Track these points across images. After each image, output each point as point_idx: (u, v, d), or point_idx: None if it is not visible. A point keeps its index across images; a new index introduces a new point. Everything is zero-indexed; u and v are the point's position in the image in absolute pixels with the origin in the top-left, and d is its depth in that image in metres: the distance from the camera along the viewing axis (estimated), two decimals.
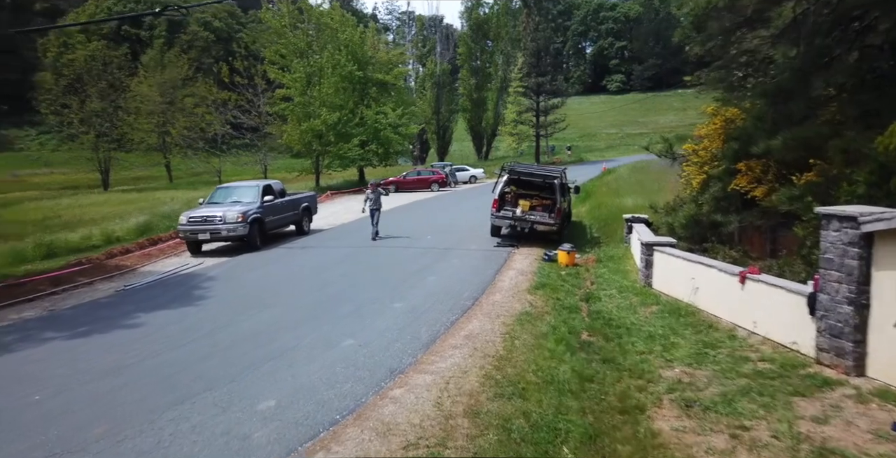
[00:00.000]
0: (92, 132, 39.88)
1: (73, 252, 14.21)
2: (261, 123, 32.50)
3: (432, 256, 13.14)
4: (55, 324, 8.48)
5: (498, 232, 15.38)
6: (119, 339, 7.68)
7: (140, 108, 42.26)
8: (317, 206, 18.28)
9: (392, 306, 9.04)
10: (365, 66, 33.42)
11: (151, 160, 45.49)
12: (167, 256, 14.27)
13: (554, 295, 9.89)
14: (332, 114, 30.34)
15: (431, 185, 32.45)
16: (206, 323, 8.28)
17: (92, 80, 40.66)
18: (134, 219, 17.42)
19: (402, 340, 7.50)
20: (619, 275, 11.21)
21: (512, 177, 15.53)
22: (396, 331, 7.83)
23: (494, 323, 8.28)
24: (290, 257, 13.74)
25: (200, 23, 73.65)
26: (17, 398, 5.78)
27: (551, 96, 51.37)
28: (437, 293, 9.78)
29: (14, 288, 10.30)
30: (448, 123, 57.53)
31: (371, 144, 33.10)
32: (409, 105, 37.90)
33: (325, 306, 9.09)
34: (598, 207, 20.63)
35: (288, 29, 31.93)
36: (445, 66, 57.71)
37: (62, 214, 25.92)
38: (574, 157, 55.87)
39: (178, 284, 11.02)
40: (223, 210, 13.99)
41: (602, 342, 7.67)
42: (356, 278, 11.18)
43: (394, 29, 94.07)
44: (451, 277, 11.08)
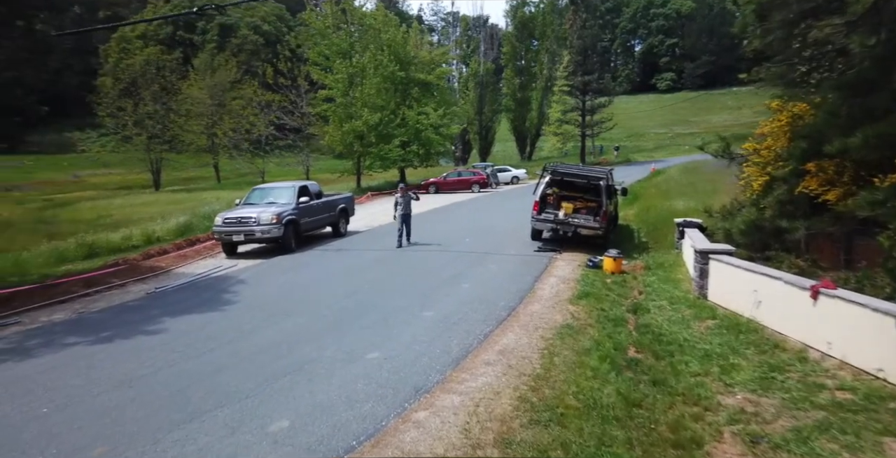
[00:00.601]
0: (144, 134, 41.21)
1: (113, 252, 14.33)
2: (303, 124, 32.68)
3: (468, 260, 12.55)
4: (80, 328, 8.34)
5: (539, 236, 14.67)
6: (139, 346, 7.43)
7: (190, 110, 43.44)
8: (354, 207, 17.98)
9: (422, 316, 8.51)
10: (407, 66, 33.16)
11: (200, 161, 46.72)
12: (202, 257, 14.20)
13: (598, 306, 9.15)
14: (373, 115, 30.20)
15: (472, 186, 31.89)
16: (229, 331, 7.95)
17: (145, 83, 42.03)
18: (175, 219, 17.53)
19: (431, 354, 6.95)
20: (669, 284, 10.34)
21: (554, 178, 14.78)
22: (425, 343, 7.28)
23: (532, 337, 7.63)
24: (323, 260, 13.41)
25: (250, 27, 75.43)
26: (26, 409, 5.54)
27: (598, 95, 49.93)
28: (471, 302, 9.20)
29: (50, 289, 10.30)
30: (491, 123, 56.83)
31: (412, 145, 32.81)
32: (451, 105, 37.42)
33: (351, 314, 8.64)
34: (647, 209, 19.57)
35: (331, 30, 31.97)
36: (489, 66, 57.00)
37: (114, 213, 26.72)
38: (621, 157, 54.17)
39: (208, 287, 10.82)
40: (258, 212, 13.81)
41: (651, 361, 6.92)
42: (386, 284, 10.72)
43: (438, 30, 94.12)
44: (486, 284, 10.46)
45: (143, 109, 41.47)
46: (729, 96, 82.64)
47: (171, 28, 74.18)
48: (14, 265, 12.20)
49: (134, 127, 41.53)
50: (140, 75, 41.96)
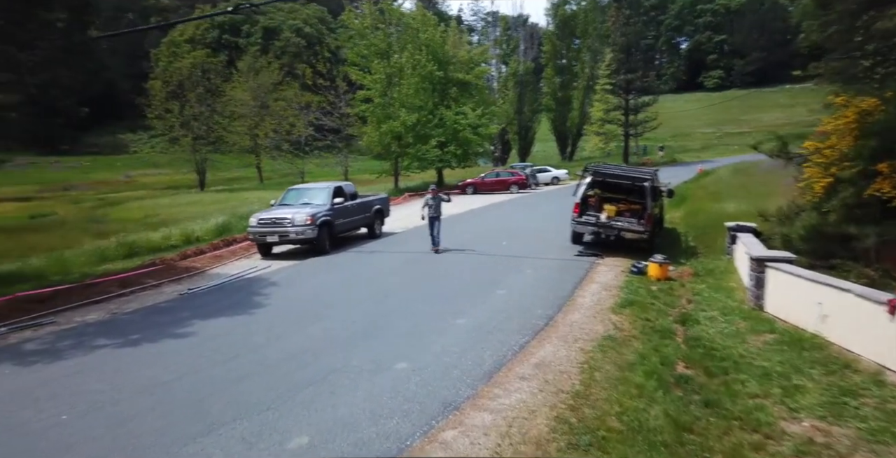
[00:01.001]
0: (190, 135, 42.29)
1: (153, 252, 14.49)
2: (342, 124, 32.80)
3: (504, 265, 12.08)
4: (111, 330, 8.30)
5: (579, 239, 14.07)
6: (165, 349, 7.30)
7: (234, 112, 44.35)
8: (389, 208, 17.74)
9: (454, 323, 8.11)
10: (445, 65, 32.87)
11: (244, 162, 47.67)
12: (238, 257, 14.19)
13: (643, 315, 8.56)
14: (410, 115, 30.03)
15: (510, 186, 31.31)
16: (255, 336, 7.75)
17: (191, 85, 43.13)
18: (213, 219, 17.68)
19: (462, 365, 6.55)
20: (721, 293, 9.63)
21: (596, 179, 14.15)
22: (456, 354, 6.88)
23: (571, 349, 7.14)
24: (356, 262, 13.18)
25: (293, 29, 76.72)
26: (47, 416, 5.42)
27: (641, 94, 48.49)
28: (507, 310, 8.74)
29: (87, 288, 10.39)
30: (530, 122, 55.97)
31: (450, 146, 32.49)
32: (490, 105, 36.91)
33: (380, 320, 8.32)
34: (695, 212, 18.65)
35: (369, 30, 31.97)
36: (529, 65, 56.16)
37: (160, 213, 27.41)
38: (667, 157, 52.48)
39: (239, 289, 10.71)
40: (292, 212, 13.69)
41: (703, 378, 6.34)
42: (418, 288, 10.38)
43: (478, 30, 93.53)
44: (523, 290, 9.99)
45: (189, 110, 42.57)
46: (781, 94, 79.24)
47: (217, 32, 76.18)
48: (58, 264, 12.43)
49: (180, 128, 42.71)
50: (186, 78, 43.08)
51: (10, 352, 7.40)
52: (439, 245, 13.76)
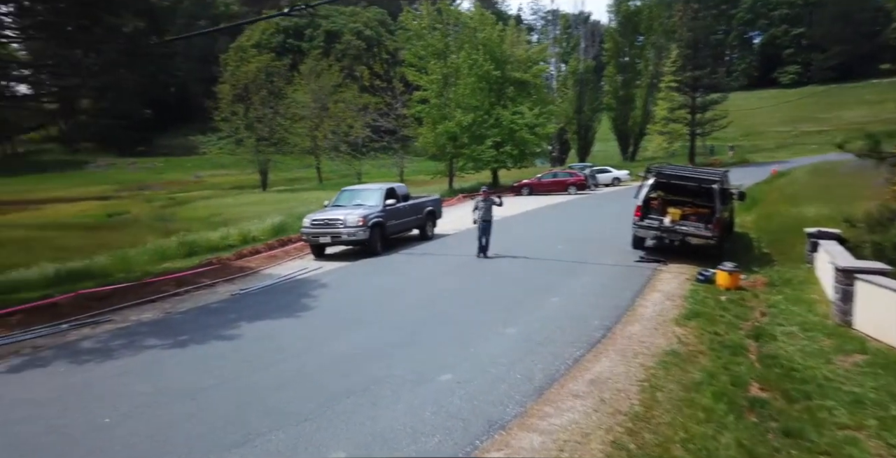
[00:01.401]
0: (253, 137, 43.69)
1: (211, 251, 14.83)
2: (398, 125, 32.91)
3: (559, 270, 11.54)
4: (162, 330, 8.41)
5: (641, 244, 13.30)
6: (211, 353, 7.27)
7: (295, 114, 45.51)
8: (441, 210, 17.48)
9: (503, 333, 7.70)
10: (503, 65, 32.39)
11: (304, 162, 48.83)
12: (291, 258, 14.29)
13: (711, 328, 7.85)
14: (466, 115, 29.75)
15: (568, 187, 30.44)
16: (300, 340, 7.62)
17: (255, 88, 44.55)
18: (270, 219, 17.97)
19: (510, 379, 6.14)
20: (800, 306, 8.74)
21: (660, 180, 13.34)
22: (504, 366, 6.48)
23: (630, 364, 6.58)
24: (406, 264, 12.97)
25: (353, 32, 78.10)
26: (91, 418, 5.43)
27: (709, 91, 46.17)
28: (560, 319, 8.24)
29: (145, 287, 10.65)
30: (590, 122, 54.51)
31: (506, 146, 31.97)
32: (548, 104, 36.08)
33: (426, 327, 8.02)
34: (768, 216, 17.37)
35: (426, 31, 31.92)
36: (589, 63, 54.70)
37: (223, 212, 28.36)
38: (736, 158, 49.79)
39: (289, 290, 10.70)
40: (345, 213, 13.66)
41: (781, 403, 5.65)
42: (468, 294, 10.00)
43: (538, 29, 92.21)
44: (578, 298, 9.43)
45: (253, 113, 43.98)
46: (867, 89, 73.74)
47: (281, 37, 78.56)
48: (121, 262, 12.88)
49: (245, 130, 44.19)
50: (251, 82, 44.54)
51: (68, 350, 7.60)
52: (488, 252, 13.10)
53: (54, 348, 7.65)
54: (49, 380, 6.47)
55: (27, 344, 7.81)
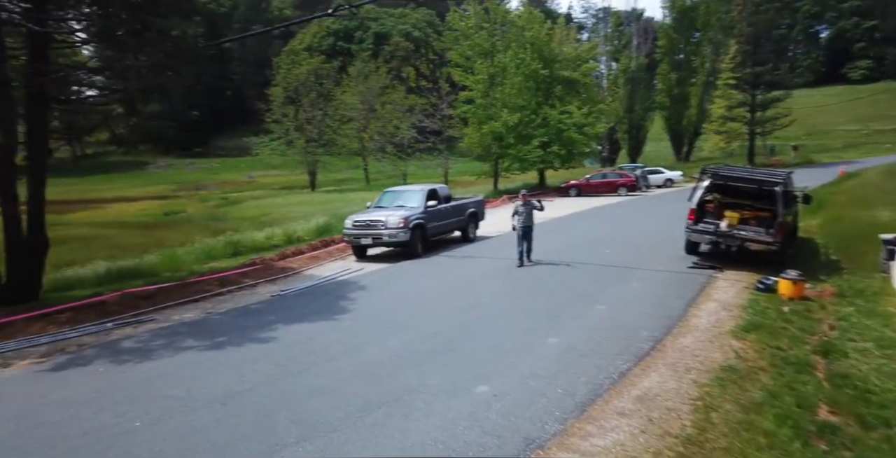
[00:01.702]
0: (303, 138, 44.57)
1: (256, 251, 15.02)
2: (443, 126, 32.78)
3: (606, 276, 11.02)
4: (201, 330, 8.45)
5: (695, 249, 12.59)
6: (245, 356, 7.21)
7: (344, 115, 46.17)
8: (484, 211, 17.18)
9: (545, 342, 7.32)
10: (551, 63, 31.77)
11: (352, 163, 49.48)
12: (333, 259, 14.30)
13: (773, 342, 7.23)
14: (512, 115, 29.33)
15: (618, 189, 29.56)
16: (335, 344, 7.47)
17: (305, 91, 45.46)
18: (315, 220, 18.11)
19: (551, 394, 5.77)
20: (874, 319, 7.96)
21: (716, 182, 12.59)
22: (545, 379, 6.11)
23: (682, 380, 6.10)
24: (446, 267, 12.72)
25: (402, 34, 78.68)
26: (123, 421, 5.41)
27: (771, 88, 43.95)
28: (606, 329, 7.79)
29: (189, 286, 10.81)
30: (642, 121, 52.92)
31: (553, 146, 31.33)
32: (598, 103, 35.17)
33: (464, 334, 7.72)
34: (836, 220, 16.19)
35: (473, 30, 31.67)
36: (641, 61, 53.10)
37: (273, 212, 28.96)
38: (800, 158, 47.20)
39: (327, 293, 10.63)
40: (386, 215, 13.57)
41: (856, 430, 5.07)
42: (509, 300, 9.64)
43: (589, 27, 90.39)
44: (626, 306, 8.93)
45: (303, 114, 44.88)
46: None
47: (332, 39, 79.97)
48: (170, 261, 13.18)
49: (295, 132, 45.14)
50: (301, 84, 45.46)
51: (110, 349, 7.72)
52: (530, 259, 12.37)
53: (97, 347, 7.79)
54: (88, 380, 6.55)
55: (73, 342, 7.99)
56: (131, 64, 9.63)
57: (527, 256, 12.32)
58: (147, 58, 9.31)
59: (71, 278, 11.51)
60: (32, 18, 9.31)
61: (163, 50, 9.33)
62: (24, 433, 5.21)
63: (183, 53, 9.56)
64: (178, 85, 10.60)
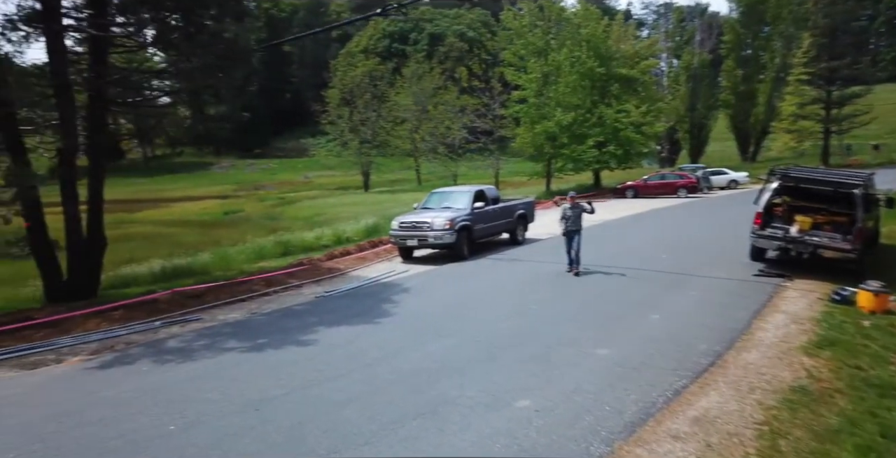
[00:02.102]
0: (357, 139, 45.19)
1: (304, 251, 15.15)
2: (495, 126, 32.41)
3: (662, 283, 10.37)
4: (244, 331, 8.45)
5: (761, 256, 11.75)
6: (284, 359, 7.12)
7: (397, 116, 46.51)
8: (534, 213, 16.70)
9: (593, 354, 6.87)
10: (607, 61, 30.85)
11: (404, 164, 49.81)
12: (380, 260, 14.22)
13: (851, 361, 6.52)
14: (566, 114, 28.61)
15: (678, 190, 28.32)
16: (374, 349, 7.28)
17: (360, 92, 46.08)
18: (364, 221, 18.15)
19: (597, 411, 5.36)
20: None
21: (786, 184, 11.69)
22: (591, 395, 5.70)
23: (745, 401, 5.55)
24: (493, 270, 12.37)
25: (457, 34, 78.67)
26: (159, 423, 5.38)
27: (849, 84, 41.04)
28: (660, 340, 7.25)
29: (236, 286, 10.93)
30: (705, 120, 50.62)
31: (609, 146, 30.39)
32: (657, 101, 33.87)
33: (508, 342, 7.37)
34: None
35: (527, 28, 31.14)
36: (705, 57, 50.83)
37: (326, 212, 29.45)
38: (881, 158, 43.84)
39: (371, 295, 10.49)
40: (432, 216, 13.39)
41: None
42: (556, 307, 9.20)
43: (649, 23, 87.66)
44: (683, 317, 8.33)
45: (357, 116, 45.52)
46: None
47: (387, 41, 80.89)
48: (221, 260, 13.46)
49: (349, 133, 45.82)
50: (356, 86, 46.12)
51: (155, 348, 7.82)
52: (579, 266, 11.41)
53: (143, 346, 7.91)
54: (131, 379, 6.61)
55: (122, 340, 8.16)
56: (184, 66, 9.85)
57: (575, 263, 11.45)
58: (199, 59, 9.46)
59: (128, 276, 11.92)
60: (94, 24, 9.66)
61: (214, 52, 9.46)
62: (66, 432, 5.27)
63: (234, 55, 9.67)
64: (227, 86, 10.70)
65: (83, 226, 10.19)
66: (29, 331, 8.20)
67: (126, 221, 31.89)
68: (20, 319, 8.51)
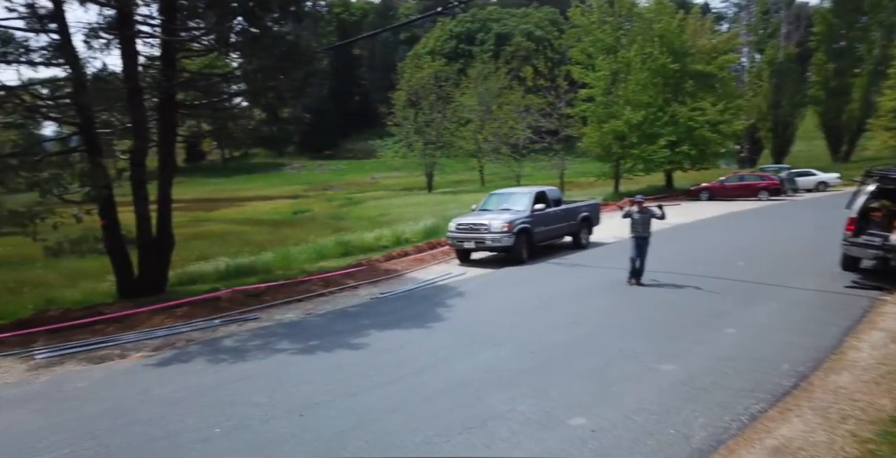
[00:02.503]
0: (421, 140, 45.44)
1: (364, 252, 15.19)
2: (560, 126, 31.58)
3: (737, 294, 9.54)
4: (297, 332, 8.43)
5: (854, 266, 10.64)
6: (333, 362, 7.01)
7: (461, 117, 46.39)
8: (599, 216, 15.98)
9: (657, 369, 6.33)
10: (682, 57, 29.36)
11: (467, 165, 49.64)
12: (437, 262, 14.03)
13: None
14: (636, 113, 27.45)
15: (759, 192, 26.56)
16: (424, 355, 7.04)
17: (425, 93, 46.29)
18: (423, 222, 18.04)
19: (660, 434, 4.88)
20: None
21: (885, 186, 10.53)
22: (654, 416, 5.21)
23: (835, 432, 4.90)
24: (552, 276, 11.87)
25: (524, 34, 77.70)
26: (204, 426, 5.34)
27: None
28: (736, 358, 6.60)
29: (295, 286, 11.03)
30: (790, 117, 47.30)
31: (683, 145, 28.90)
32: (736, 98, 31.90)
33: (564, 354, 6.93)
34: None
35: (596, 25, 30.16)
36: (791, 50, 47.49)
37: (390, 212, 29.71)
38: None
39: (426, 298, 10.29)
40: (490, 218, 13.05)
41: None
42: (618, 317, 8.63)
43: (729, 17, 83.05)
44: (761, 332, 7.57)
45: (422, 117, 45.77)
46: None
47: (454, 42, 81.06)
48: (283, 259, 13.69)
49: (414, 134, 46.15)
50: (421, 87, 46.37)
51: (211, 346, 7.91)
52: (641, 276, 10.33)
53: (201, 344, 8.04)
54: (185, 378, 6.69)
55: (184, 337, 8.35)
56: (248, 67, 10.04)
57: (637, 275, 10.34)
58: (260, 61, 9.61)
59: (195, 273, 12.32)
60: (165, 29, 10.02)
61: (275, 54, 9.58)
62: (118, 430, 5.35)
63: (295, 56, 9.77)
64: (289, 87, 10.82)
65: (152, 225, 10.61)
66: (101, 325, 8.58)
67: (203, 219, 33.50)
68: (93, 314, 8.91)
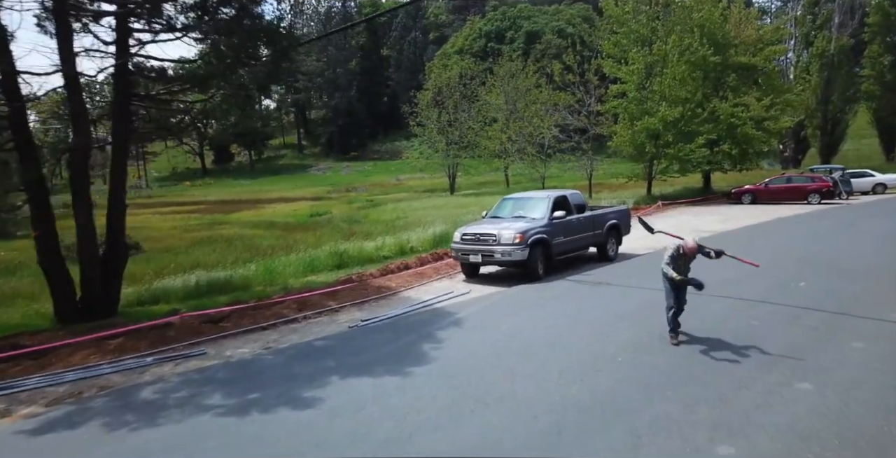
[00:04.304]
0: (444, 140, 43.86)
1: (361, 263, 13.58)
2: (589, 123, 29.51)
3: (807, 327, 7.48)
4: (240, 378, 6.67)
5: None
6: (267, 431, 5.25)
7: (486, 116, 44.59)
8: (629, 224, 13.93)
9: (709, 453, 4.42)
10: (724, 48, 26.98)
11: (492, 166, 47.79)
12: (440, 276, 12.24)
13: None
14: (672, 109, 25.20)
15: (809, 195, 24.05)
16: (387, 423, 5.17)
17: (449, 93, 44.69)
18: (432, 229, 16.34)
19: None
20: None
21: None
22: None
23: None
24: (571, 297, 9.91)
25: (555, 31, 75.37)
26: None
27: None
28: (818, 431, 4.62)
29: (265, 309, 9.41)
30: (841, 114, 43.97)
31: (723, 144, 26.52)
32: (783, 93, 29.29)
33: (578, 421, 5.02)
34: None
35: (630, 15, 28.02)
36: (843, 42, 44.16)
37: (409, 215, 28.17)
38: None
39: (413, 327, 8.47)
40: (499, 228, 11.19)
41: None
42: (649, 362, 6.49)
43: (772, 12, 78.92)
44: (850, 387, 5.49)
45: (445, 117, 44.21)
46: None
47: (483, 41, 79.30)
48: (266, 273, 12.17)
49: (437, 134, 44.58)
50: (445, 86, 44.83)
51: (123, 400, 6.17)
52: (678, 331, 7.23)
53: (113, 394, 6.32)
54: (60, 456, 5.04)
55: (99, 382, 6.61)
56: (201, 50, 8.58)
57: (674, 324, 7.22)
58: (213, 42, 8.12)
59: (159, 291, 10.82)
60: None
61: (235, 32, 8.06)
62: None
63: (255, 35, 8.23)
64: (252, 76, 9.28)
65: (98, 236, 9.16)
66: (7, 363, 7.00)
67: (219, 222, 32.60)
68: (8, 346, 7.39)
